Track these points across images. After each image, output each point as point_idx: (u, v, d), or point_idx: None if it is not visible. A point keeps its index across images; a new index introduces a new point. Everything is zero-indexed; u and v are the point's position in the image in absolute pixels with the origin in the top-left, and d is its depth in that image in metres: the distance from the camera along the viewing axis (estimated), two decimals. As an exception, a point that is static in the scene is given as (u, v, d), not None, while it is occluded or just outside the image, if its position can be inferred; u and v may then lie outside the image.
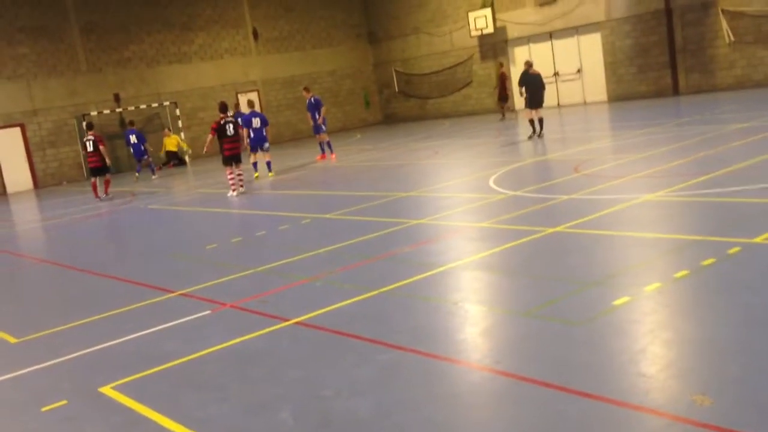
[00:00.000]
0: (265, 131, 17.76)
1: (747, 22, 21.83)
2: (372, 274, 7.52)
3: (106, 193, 18.45)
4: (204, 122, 29.29)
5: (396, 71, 33.13)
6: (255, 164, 18.24)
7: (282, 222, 11.41)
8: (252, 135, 17.62)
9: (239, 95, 29.01)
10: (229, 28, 30.09)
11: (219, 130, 15.33)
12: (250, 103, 18.35)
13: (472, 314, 6.02)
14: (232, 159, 15.37)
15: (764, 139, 12.16)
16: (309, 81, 30.38)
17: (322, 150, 20.09)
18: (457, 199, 11.52)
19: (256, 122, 17.65)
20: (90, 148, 18.00)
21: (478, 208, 10.45)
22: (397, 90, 33.44)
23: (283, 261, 8.63)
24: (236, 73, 30.24)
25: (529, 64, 18.89)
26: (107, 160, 18.12)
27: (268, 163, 18.10)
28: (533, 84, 18.26)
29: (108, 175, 18.43)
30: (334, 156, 19.97)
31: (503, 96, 25.88)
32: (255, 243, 10.34)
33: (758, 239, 6.57)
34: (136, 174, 22.92)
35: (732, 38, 22.12)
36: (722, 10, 22.17)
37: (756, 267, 5.97)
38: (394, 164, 17.21)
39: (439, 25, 30.87)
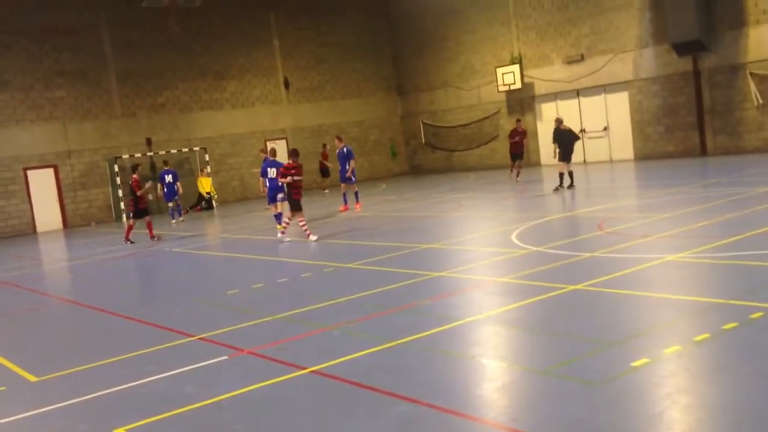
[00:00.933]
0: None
1: (775, 85, 21.84)
2: (391, 326, 7.51)
3: (151, 236, 18.06)
4: (233, 168, 29.76)
5: (423, 123, 33.50)
6: (277, 216, 16.84)
7: (304, 270, 11.48)
8: (267, 185, 16.83)
9: (268, 142, 29.47)
10: (260, 76, 30.78)
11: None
12: (272, 152, 17.57)
13: (490, 370, 5.98)
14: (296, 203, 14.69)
15: (792, 203, 12.06)
16: (337, 130, 30.83)
17: (346, 201, 20.02)
18: (479, 253, 11.52)
19: (271, 172, 16.65)
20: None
21: (499, 263, 10.44)
22: (424, 142, 33.75)
23: (303, 309, 8.66)
24: (266, 120, 30.82)
25: (559, 121, 19.24)
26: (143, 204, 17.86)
27: (277, 216, 16.79)
28: (565, 139, 18.88)
29: (148, 218, 18.09)
30: (358, 206, 20.09)
31: (517, 153, 23.57)
32: (276, 290, 10.39)
33: (782, 304, 6.49)
34: (180, 218, 22.92)
35: (760, 101, 22.11)
36: (751, 73, 22.23)
37: (780, 333, 5.88)
38: (418, 215, 17.27)
39: (468, 80, 31.28)
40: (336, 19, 32.64)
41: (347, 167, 19.68)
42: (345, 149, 19.93)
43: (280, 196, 16.64)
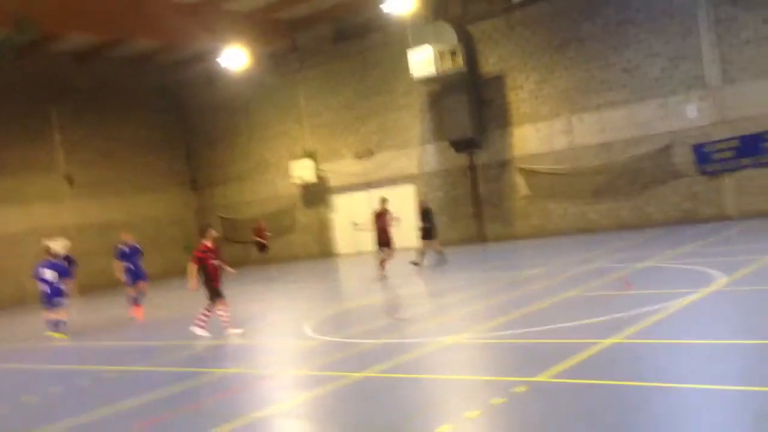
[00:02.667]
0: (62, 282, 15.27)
1: (540, 178, 24.35)
2: (175, 429, 7.16)
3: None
4: (7, 271, 27.23)
5: (220, 217, 33.14)
6: (52, 323, 15.19)
7: (73, 377, 10.67)
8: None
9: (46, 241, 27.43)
10: (40, 172, 28.90)
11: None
12: (48, 250, 16.01)
13: (273, 466, 5.88)
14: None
15: (555, 284, 13.33)
16: (128, 227, 29.53)
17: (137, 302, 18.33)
18: (270, 346, 11.43)
19: (47, 273, 15.20)
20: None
21: (291, 355, 10.43)
22: (222, 236, 33.28)
23: (91, 417, 8.01)
24: (46, 218, 28.74)
25: (424, 202, 20.99)
26: None
27: (56, 323, 15.21)
28: (430, 218, 20.33)
29: None
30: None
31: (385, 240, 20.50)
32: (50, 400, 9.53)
33: (541, 377, 7.08)
34: None
35: (527, 192, 24.49)
36: (518, 168, 24.66)
37: (539, 405, 6.40)
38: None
39: (263, 173, 31.64)
40: (125, 113, 31.77)
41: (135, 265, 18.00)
42: (128, 246, 17.48)
43: (56, 300, 15.18)
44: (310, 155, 29.60)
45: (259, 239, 27.85)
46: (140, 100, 32.32)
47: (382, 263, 18.80)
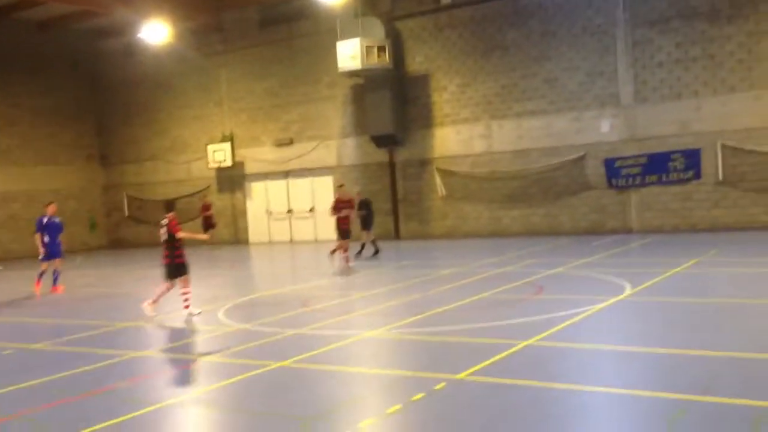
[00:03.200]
0: None
1: (456, 180, 24.78)
2: (81, 412, 6.91)
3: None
4: None
5: (128, 195, 32.06)
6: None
7: (-22, 353, 10.12)
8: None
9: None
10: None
11: None
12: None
13: (189, 454, 5.77)
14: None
15: (468, 284, 13.61)
16: (27, 198, 28.29)
17: (56, 280, 16.87)
18: (183, 331, 11.18)
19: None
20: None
21: (205, 341, 10.23)
22: (127, 214, 32.23)
23: (-25, 398, 7.60)
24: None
25: (360, 194, 21.52)
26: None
27: None
28: (368, 209, 20.88)
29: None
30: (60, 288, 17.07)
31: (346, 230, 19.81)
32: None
33: (461, 375, 7.22)
34: None
35: (444, 192, 24.87)
36: (437, 168, 25.00)
37: (458, 401, 6.53)
38: (118, 292, 16.29)
39: (178, 154, 30.80)
40: (33, 80, 30.19)
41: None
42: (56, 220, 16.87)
43: None
44: (229, 139, 29.05)
45: (206, 218, 26.84)
46: (51, 68, 30.75)
47: (336, 251, 18.28)
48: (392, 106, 24.98)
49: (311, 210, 27.92)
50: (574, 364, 7.69)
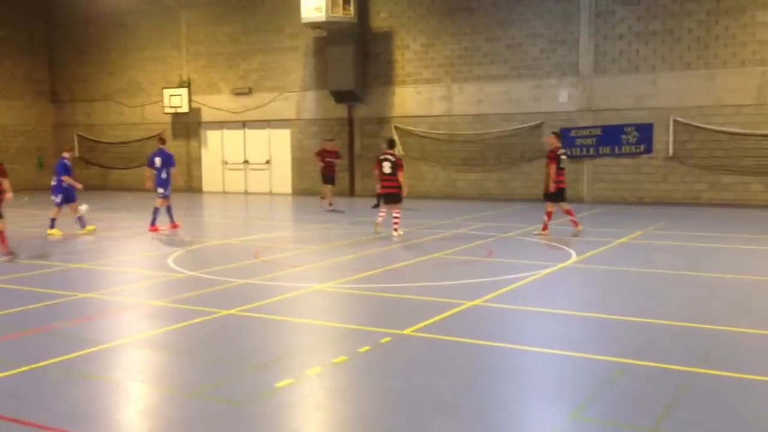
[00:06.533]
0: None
1: (414, 140, 24.82)
2: (26, 349, 6.87)
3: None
4: None
5: (79, 136, 31.29)
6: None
7: None
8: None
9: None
10: None
11: None
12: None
13: (133, 393, 5.81)
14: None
15: (420, 244, 13.78)
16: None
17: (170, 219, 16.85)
18: (132, 275, 11.11)
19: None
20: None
21: (153, 286, 10.20)
22: (78, 155, 31.48)
23: None
24: None
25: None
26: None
27: None
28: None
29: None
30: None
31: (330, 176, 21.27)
32: None
33: (406, 331, 7.37)
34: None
35: (402, 153, 24.88)
36: (395, 127, 24.98)
37: (402, 355, 6.69)
38: (67, 233, 16.02)
39: (132, 97, 30.07)
40: (-17, 9, 29.06)
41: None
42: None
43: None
44: (186, 85, 28.46)
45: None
46: (2, -3, 29.61)
47: (324, 199, 20.76)
48: (354, 62, 24.75)
49: (267, 162, 27.69)
50: (517, 326, 7.92)
